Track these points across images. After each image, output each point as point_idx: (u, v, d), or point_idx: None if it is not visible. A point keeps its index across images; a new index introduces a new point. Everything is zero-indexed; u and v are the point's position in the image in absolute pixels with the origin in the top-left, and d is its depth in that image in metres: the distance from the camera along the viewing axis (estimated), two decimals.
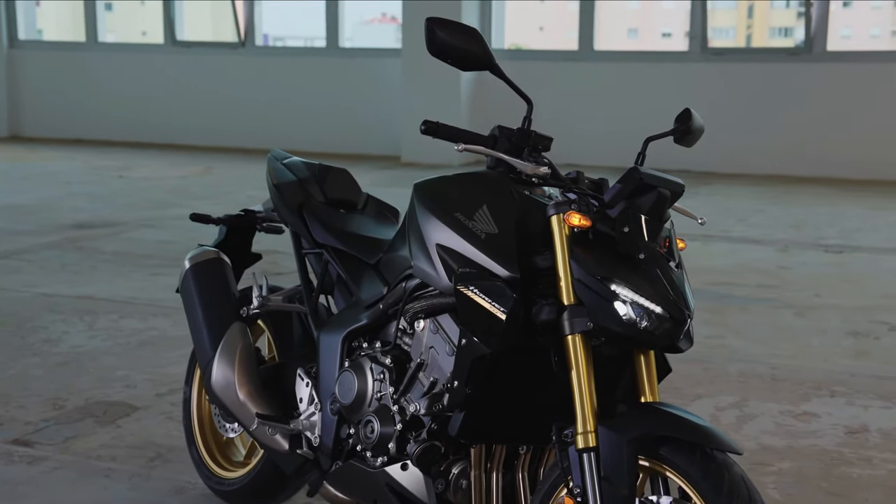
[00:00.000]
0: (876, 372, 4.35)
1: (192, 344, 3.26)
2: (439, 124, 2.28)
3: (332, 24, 11.59)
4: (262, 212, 3.20)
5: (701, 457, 2.04)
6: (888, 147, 9.38)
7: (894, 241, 7.02)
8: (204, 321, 2.89)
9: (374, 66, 11.27)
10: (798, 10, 47.95)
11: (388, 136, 10.81)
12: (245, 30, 12.03)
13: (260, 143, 11.59)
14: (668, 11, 45.71)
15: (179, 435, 3.62)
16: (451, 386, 2.25)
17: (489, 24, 10.70)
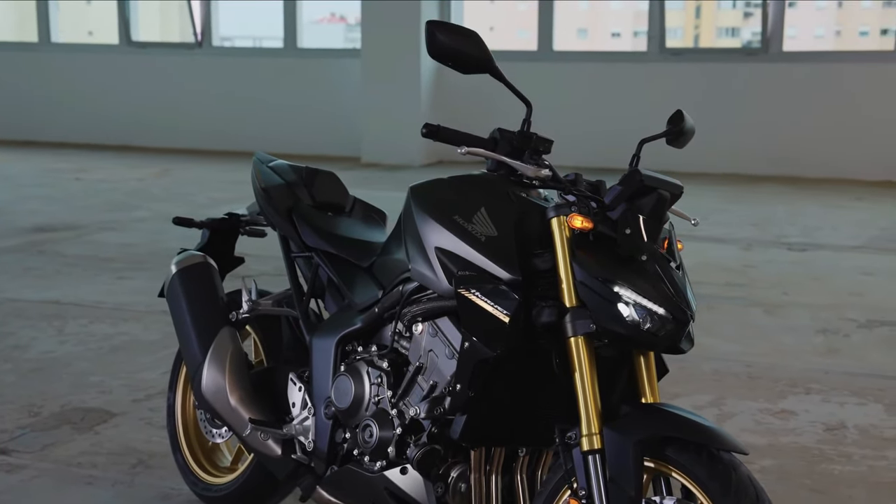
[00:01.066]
0: (848, 369, 4.41)
1: (178, 348, 3.24)
2: (440, 127, 2.28)
3: (290, 24, 11.53)
4: (246, 215, 3.18)
5: (707, 457, 2.05)
6: (843, 146, 9.51)
7: (855, 238, 7.12)
8: (192, 326, 2.86)
9: (333, 67, 11.23)
10: (745, 10, 48.52)
11: (348, 137, 10.77)
12: (202, 30, 11.93)
13: (218, 144, 11.51)
14: (617, 12, 46.03)
15: (160, 441, 3.59)
16: (452, 389, 2.24)
17: None
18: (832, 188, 9.14)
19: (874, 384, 4.20)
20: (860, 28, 44.28)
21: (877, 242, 7.02)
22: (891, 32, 38.29)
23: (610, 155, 10.00)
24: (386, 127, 10.43)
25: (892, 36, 37.16)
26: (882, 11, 43.16)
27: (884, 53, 9.95)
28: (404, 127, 10.40)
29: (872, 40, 42.09)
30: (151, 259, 6.43)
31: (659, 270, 2.14)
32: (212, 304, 2.90)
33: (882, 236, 7.22)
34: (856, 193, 8.88)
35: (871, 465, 3.43)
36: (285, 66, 11.38)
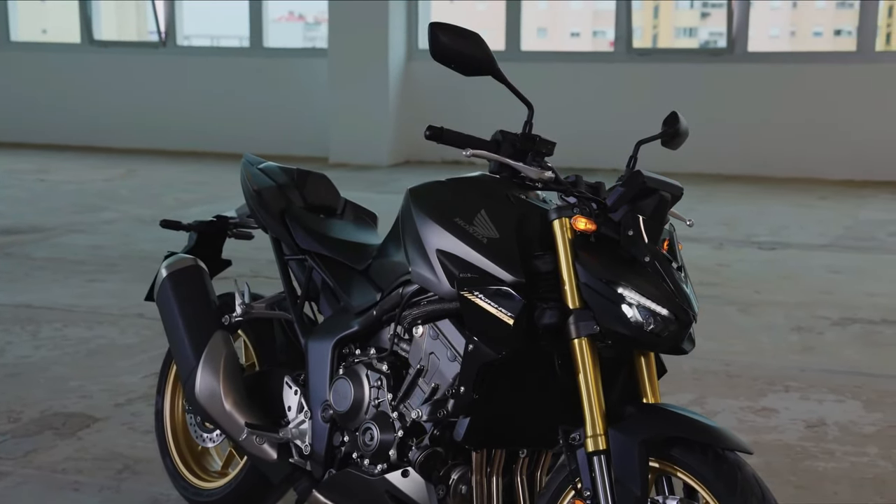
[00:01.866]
0: (824, 366, 4.47)
1: (165, 352, 3.22)
2: (444, 129, 2.29)
3: (256, 23, 11.47)
4: (235, 217, 3.16)
5: (713, 457, 2.07)
6: (807, 145, 9.62)
7: (822, 237, 7.21)
8: (185, 330, 2.84)
9: (300, 66, 11.18)
10: (702, 10, 48.91)
11: (316, 137, 10.74)
12: (166, 29, 11.84)
13: (183, 144, 11.43)
14: (576, 11, 46.24)
15: (145, 446, 3.56)
16: (455, 391, 2.25)
17: (416, 25, 10.70)
18: (797, 187, 9.24)
19: (851, 381, 4.26)
20: (814, 28, 44.82)
21: (842, 241, 7.11)
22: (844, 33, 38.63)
23: (579, 154, 10.08)
24: (354, 127, 10.41)
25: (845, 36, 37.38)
26: (836, 12, 43.73)
27: (846, 54, 10.08)
28: (372, 127, 10.39)
29: (826, 41, 42.64)
30: (123, 262, 6.38)
31: (661, 271, 2.16)
32: (204, 307, 2.88)
33: (847, 235, 7.31)
34: (819, 193, 8.99)
35: (853, 461, 3.48)
36: (252, 65, 11.32)
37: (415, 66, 10.66)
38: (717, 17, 44.72)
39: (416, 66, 10.66)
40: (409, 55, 10.66)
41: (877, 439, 3.67)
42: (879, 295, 5.63)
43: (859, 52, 9.68)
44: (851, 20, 38.18)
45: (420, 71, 10.64)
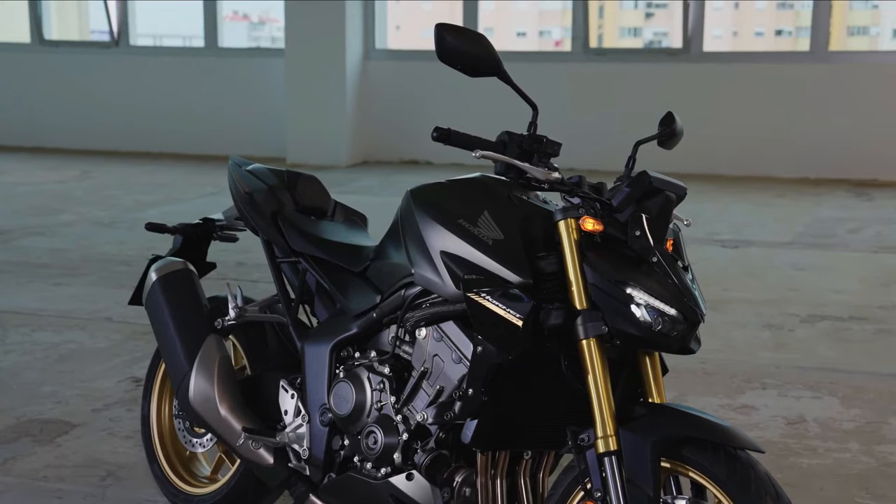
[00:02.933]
0: (797, 363, 4.52)
1: (152, 358, 3.18)
2: (451, 131, 2.28)
3: (211, 23, 11.36)
4: (222, 220, 3.12)
5: (725, 456, 2.08)
6: (762, 144, 9.73)
7: (783, 235, 7.29)
8: (177, 335, 2.80)
9: (256, 66, 11.09)
10: (646, 11, 49.33)
11: (273, 137, 10.66)
12: (119, 29, 11.68)
13: (139, 145, 11.29)
14: (523, 11, 46.44)
15: (126, 452, 3.52)
16: (463, 394, 2.24)
17: (372, 25, 10.66)
18: (754, 186, 9.35)
19: (826, 378, 4.31)
20: (756, 29, 45.41)
21: (803, 238, 7.20)
22: (785, 33, 39.08)
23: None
24: (311, 127, 10.35)
25: (786, 37, 37.80)
26: (776, 13, 44.33)
27: (800, 54, 10.21)
28: (330, 127, 10.34)
29: (767, 41, 43.23)
30: (85, 264, 6.28)
31: (669, 271, 2.17)
32: (196, 311, 2.84)
33: (807, 232, 7.41)
34: (776, 191, 9.09)
35: (836, 457, 3.51)
36: (207, 65, 11.21)
37: (372, 65, 10.62)
38: (661, 18, 45.17)
39: (373, 66, 10.62)
40: (366, 55, 10.62)
41: (857, 435, 3.71)
42: (845, 292, 5.71)
43: (812, 51, 9.81)
44: (792, 21, 38.60)
45: (377, 70, 10.61)
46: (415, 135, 10.46)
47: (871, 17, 40.35)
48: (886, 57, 10.05)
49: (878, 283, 5.95)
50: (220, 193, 8.83)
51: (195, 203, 8.37)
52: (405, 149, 10.48)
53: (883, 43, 37.00)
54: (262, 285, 4.96)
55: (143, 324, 4.94)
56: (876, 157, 9.51)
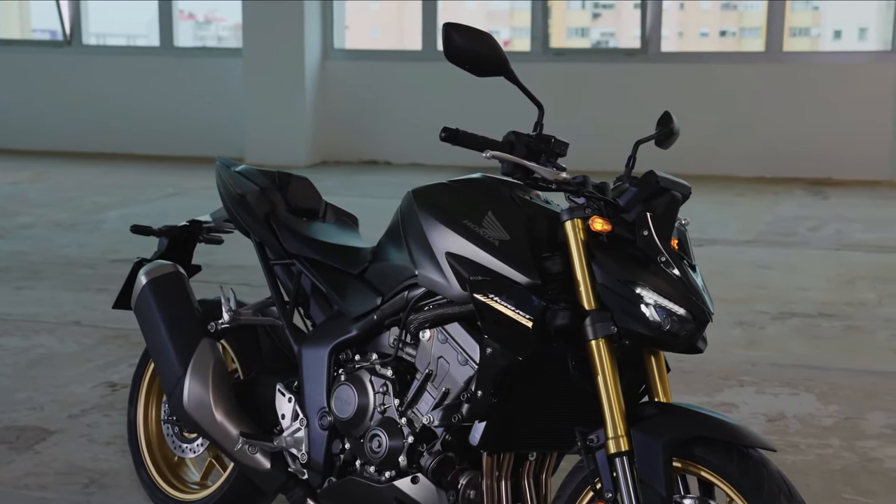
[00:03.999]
0: (772, 360, 4.56)
1: (137, 364, 3.13)
2: (459, 131, 2.26)
3: (166, 22, 11.23)
4: (210, 222, 3.07)
5: (738, 455, 2.08)
6: (720, 143, 9.82)
7: (745, 233, 7.36)
8: (169, 339, 2.75)
9: (213, 66, 10.99)
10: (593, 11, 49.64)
11: (231, 137, 10.56)
12: (71, 28, 11.51)
13: (93, 146, 11.12)
14: (471, 11, 46.58)
15: (107, 458, 3.46)
16: (472, 396, 2.23)
17: (330, 25, 10.61)
18: (713, 185, 9.42)
19: (801, 374, 4.35)
20: (701, 29, 45.87)
21: (766, 237, 7.28)
22: (729, 34, 39.71)
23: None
24: (270, 127, 10.27)
25: (730, 37, 38.41)
26: (721, 14, 44.80)
27: (755, 54, 10.32)
28: (289, 127, 10.27)
29: (712, 41, 43.69)
30: (47, 268, 6.18)
31: (677, 271, 2.17)
32: (188, 315, 2.80)
33: (769, 230, 7.49)
34: (735, 189, 9.18)
35: (818, 453, 3.55)
36: (162, 64, 11.08)
37: (331, 65, 10.57)
38: (608, 18, 45.47)
39: (331, 66, 10.57)
40: (325, 54, 10.57)
41: (837, 431, 3.75)
42: (811, 289, 5.78)
43: (767, 52, 9.92)
44: (736, 22, 39.15)
45: (336, 70, 10.57)
46: (374, 135, 10.44)
47: (811, 19, 40.88)
48: (838, 58, 10.20)
49: (842, 280, 6.03)
50: (180, 195, 8.74)
51: (156, 205, 8.27)
52: (365, 149, 10.45)
53: (824, 44, 37.54)
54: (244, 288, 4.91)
55: (113, 327, 4.88)
56: (829, 157, 9.65)
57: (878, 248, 6.91)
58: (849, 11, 31.94)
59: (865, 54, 10.58)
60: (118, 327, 4.92)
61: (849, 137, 9.60)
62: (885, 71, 9.54)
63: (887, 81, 9.50)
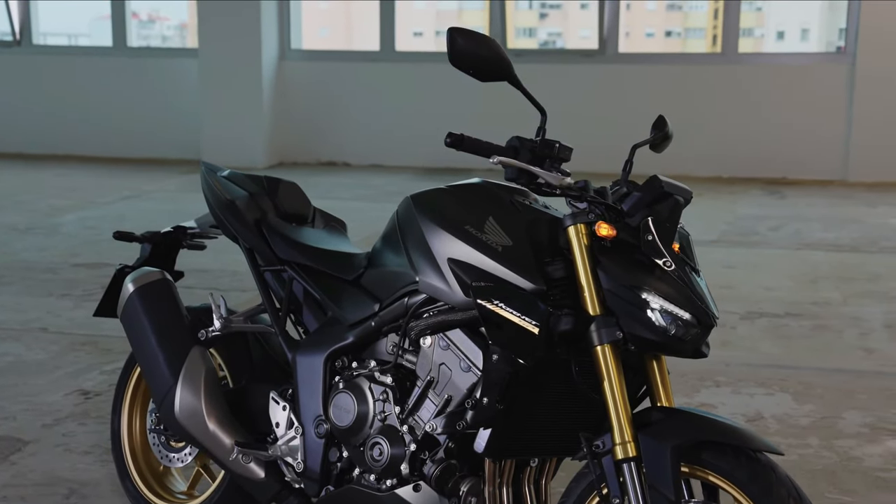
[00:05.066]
0: (745, 360, 4.59)
1: (126, 371, 3.08)
2: (464, 137, 2.24)
3: (119, 22, 11.08)
4: (194, 227, 3.03)
5: (746, 459, 2.09)
6: (677, 143, 9.83)
7: (707, 233, 7.41)
8: (159, 347, 2.71)
9: (167, 67, 10.86)
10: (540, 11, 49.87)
11: (186, 139, 10.44)
12: (21, 27, 11.32)
13: (45, 148, 10.94)
14: (420, 11, 46.54)
15: (86, 468, 3.41)
16: (477, 403, 2.21)
17: (287, 25, 10.53)
18: None
19: (774, 374, 4.39)
20: (647, 30, 46.26)
21: (728, 237, 7.34)
22: (674, 34, 40.07)
23: (450, 156, 10.09)
24: (226, 128, 10.18)
25: (675, 38, 38.74)
26: (666, 14, 45.22)
27: (711, 55, 10.42)
28: (246, 128, 10.18)
29: (658, 42, 44.07)
30: (8, 273, 6.06)
31: (681, 275, 2.18)
32: (177, 322, 2.75)
33: (731, 231, 7.55)
34: (694, 189, 9.12)
35: (799, 453, 3.58)
36: (115, 65, 10.93)
37: (288, 66, 10.50)
38: (555, 18, 45.70)
39: (288, 66, 10.50)
40: (282, 55, 10.49)
41: (815, 431, 3.79)
42: (776, 289, 5.84)
43: (724, 53, 10.01)
44: (681, 22, 39.54)
45: (293, 70, 10.49)
46: (333, 136, 10.38)
47: (755, 19, 41.37)
48: (792, 59, 10.34)
49: (806, 279, 6.10)
50: (138, 197, 8.63)
51: (113, 207, 8.15)
52: (322, 150, 10.39)
53: (767, 44, 38.05)
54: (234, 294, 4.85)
55: (82, 333, 4.81)
56: (784, 156, 9.76)
57: (836, 247, 7.00)
58: (791, 12, 32.33)
59: (819, 55, 10.75)
60: (85, 333, 4.85)
61: (803, 138, 9.72)
62: (837, 72, 9.66)
63: (840, 82, 9.63)
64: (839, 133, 9.64)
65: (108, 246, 6.69)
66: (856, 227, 7.62)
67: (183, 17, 28.16)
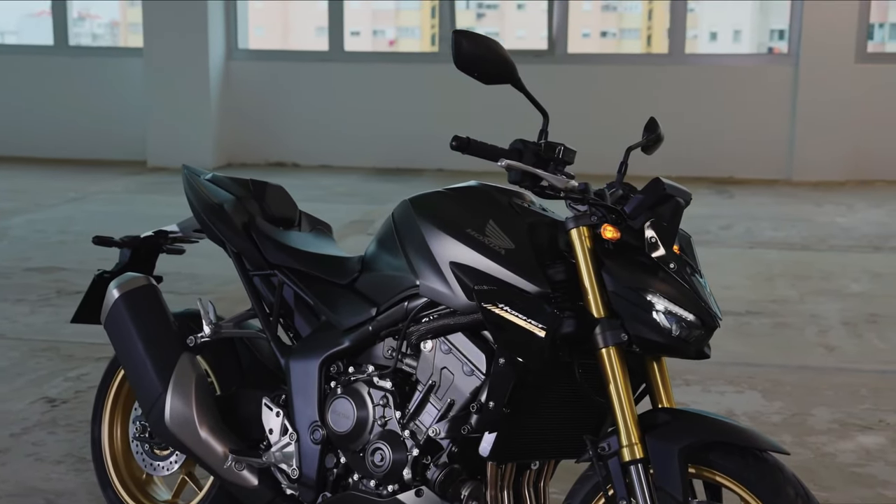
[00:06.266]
0: (712, 358, 4.59)
1: (105, 380, 3.02)
2: (470, 140, 2.23)
3: (60, 22, 10.87)
4: (176, 231, 2.98)
5: (753, 460, 2.11)
6: (624, 143, 9.95)
7: None
8: (147, 355, 2.66)
9: (111, 66, 10.68)
10: (478, 11, 50.03)
11: (131, 140, 10.29)
12: None
13: None
14: (356, 10, 46.40)
15: (60, 478, 3.34)
16: (482, 406, 2.20)
17: (234, 24, 10.42)
18: None
19: (742, 372, 4.44)
20: (583, 30, 46.66)
21: None
22: (609, 35, 40.39)
23: (400, 157, 10.09)
24: (173, 129, 10.04)
25: (610, 38, 39.05)
26: (601, 15, 45.65)
27: (659, 56, 10.52)
28: (193, 129, 10.06)
29: (594, 42, 44.47)
30: None
31: (684, 277, 2.19)
32: (165, 329, 2.70)
33: (688, 229, 7.60)
34: None
35: None
36: (57, 64, 10.72)
37: (235, 65, 10.39)
38: (492, 18, 45.89)
39: (235, 66, 10.39)
40: (229, 54, 10.38)
41: (786, 427, 3.84)
42: (734, 287, 5.90)
43: (671, 53, 10.11)
44: (615, 23, 39.87)
45: (240, 71, 10.39)
46: (281, 136, 10.29)
47: (689, 21, 41.92)
48: (738, 60, 10.52)
49: (762, 278, 6.18)
50: (84, 199, 8.48)
51: (61, 210, 8.01)
52: (271, 150, 10.29)
53: (700, 45, 38.58)
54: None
55: (41, 339, 4.72)
56: (731, 156, 9.88)
57: (787, 245, 7.11)
58: (723, 14, 32.76)
59: (763, 56, 10.88)
60: (45, 339, 4.76)
61: (749, 137, 9.85)
62: (782, 73, 9.81)
63: (784, 83, 9.78)
64: (784, 133, 9.79)
65: (59, 249, 6.59)
66: (804, 226, 7.75)
67: (114, 15, 27.71)
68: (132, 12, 27.03)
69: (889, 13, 19.60)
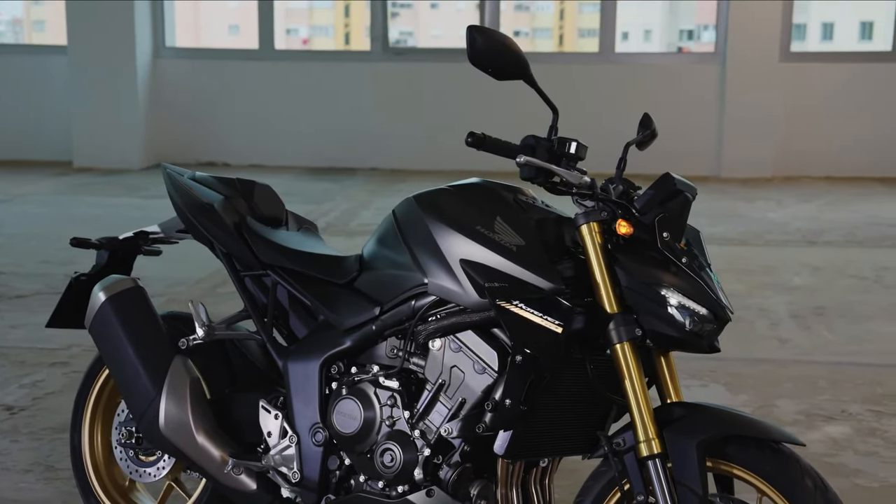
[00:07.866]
0: (675, 353, 4.67)
1: (85, 386, 2.94)
2: (486, 137, 2.21)
3: None
4: (157, 232, 2.90)
5: (770, 452, 2.12)
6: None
7: None
8: (138, 359, 2.58)
9: (34, 65, 10.40)
10: (392, 10, 50.01)
11: (56, 140, 10.04)
12: None
13: None
14: (293, 11, 46.07)
15: (30, 487, 3.25)
16: (497, 405, 2.19)
17: (161, 22, 10.23)
18: None
19: (704, 366, 4.49)
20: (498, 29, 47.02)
21: None
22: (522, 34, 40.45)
23: (332, 156, 10.02)
24: (100, 128, 9.83)
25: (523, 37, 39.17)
26: (514, 14, 46.02)
27: (589, 55, 10.62)
28: (120, 128, 9.85)
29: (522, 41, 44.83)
30: None
31: (696, 271, 2.20)
32: (155, 332, 2.63)
33: None
34: None
35: None
36: None
37: (163, 64, 10.20)
38: (406, 18, 45.92)
39: (163, 64, 10.21)
40: (157, 53, 10.19)
41: None
42: None
43: (601, 52, 10.21)
44: (528, 22, 40.15)
45: (168, 69, 10.21)
46: (211, 135, 10.14)
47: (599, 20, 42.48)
48: (667, 58, 10.68)
49: None
50: (10, 201, 8.25)
51: (5, 208, 7.79)
52: (202, 150, 10.13)
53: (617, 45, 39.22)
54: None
55: None
56: (661, 153, 9.94)
57: (727, 240, 7.22)
58: (634, 14, 33.18)
59: (694, 56, 11.04)
60: (2, 346, 4.61)
61: (678, 135, 9.97)
62: (710, 72, 9.97)
63: (712, 82, 9.94)
64: (712, 131, 9.96)
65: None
66: (739, 221, 7.88)
67: (16, 12, 27.02)
68: (36, 10, 26.39)
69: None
